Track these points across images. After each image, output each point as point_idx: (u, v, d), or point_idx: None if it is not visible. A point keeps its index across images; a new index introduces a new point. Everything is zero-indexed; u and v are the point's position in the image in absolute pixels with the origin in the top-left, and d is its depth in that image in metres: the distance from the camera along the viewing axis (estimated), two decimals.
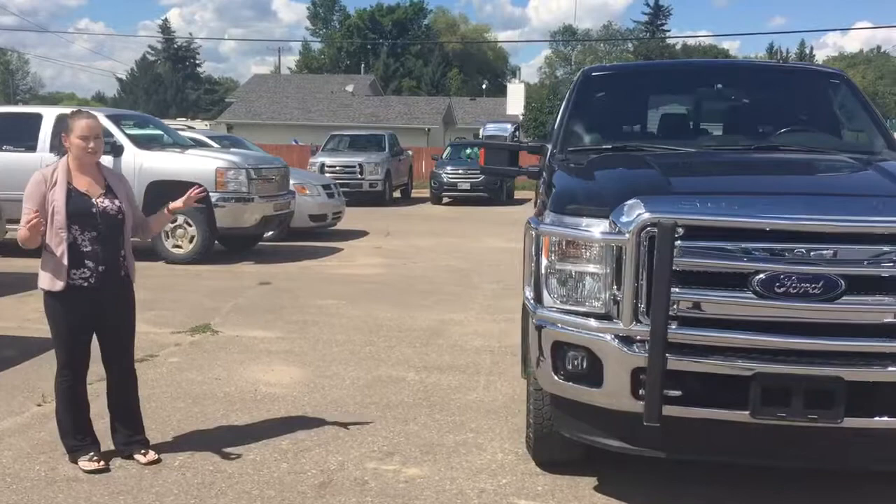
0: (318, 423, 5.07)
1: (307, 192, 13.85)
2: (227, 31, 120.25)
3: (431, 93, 63.92)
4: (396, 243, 14.20)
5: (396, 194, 24.62)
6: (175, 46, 68.06)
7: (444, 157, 24.97)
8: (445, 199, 23.79)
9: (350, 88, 51.93)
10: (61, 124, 11.56)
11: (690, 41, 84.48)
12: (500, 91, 69.39)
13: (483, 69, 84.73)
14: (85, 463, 4.33)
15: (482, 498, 4.06)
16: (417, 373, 6.17)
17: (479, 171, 22.70)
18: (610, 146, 4.90)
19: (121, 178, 4.57)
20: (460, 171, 23.38)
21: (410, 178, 26.45)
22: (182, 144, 12.36)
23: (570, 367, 3.76)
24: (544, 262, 3.83)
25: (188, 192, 4.69)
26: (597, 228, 3.64)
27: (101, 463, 4.34)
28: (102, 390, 4.62)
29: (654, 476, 4.22)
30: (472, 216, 20.11)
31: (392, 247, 13.70)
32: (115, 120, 11.55)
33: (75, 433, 4.42)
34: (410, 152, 27.84)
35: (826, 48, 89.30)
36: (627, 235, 3.44)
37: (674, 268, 3.39)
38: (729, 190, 3.86)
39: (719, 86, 5.35)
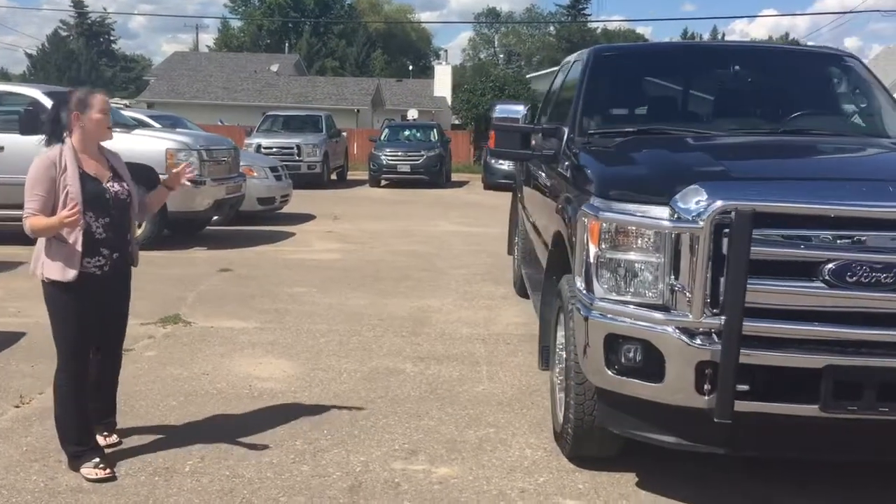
0: (327, 420, 4.80)
1: (255, 174, 13.37)
2: (136, 6, 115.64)
3: (356, 73, 63.08)
4: (347, 227, 13.86)
5: (332, 176, 24.11)
6: (88, 21, 65.37)
7: (382, 138, 24.56)
8: (384, 182, 23.44)
9: (275, 68, 50.84)
10: None
11: (612, 26, 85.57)
12: (422, 72, 68.99)
13: (406, 50, 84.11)
14: (90, 471, 3.97)
15: (525, 499, 3.86)
16: (415, 364, 5.94)
17: (418, 153, 22.53)
18: (634, 129, 4.74)
19: (119, 158, 4.27)
20: (399, 153, 23.04)
21: (346, 160, 25.97)
22: (126, 124, 11.72)
23: (624, 361, 3.59)
24: (594, 250, 3.65)
25: (176, 170, 4.42)
26: (658, 215, 3.48)
27: (108, 471, 4.00)
28: None
29: (697, 469, 4.10)
30: (415, 199, 19.84)
31: (344, 231, 13.36)
32: (57, 98, 10.87)
33: (79, 438, 4.07)
34: (345, 133, 27.29)
35: (733, 35, 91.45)
36: (701, 224, 3.27)
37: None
38: (790, 175, 3.73)
39: (736, 67, 5.24)
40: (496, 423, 4.81)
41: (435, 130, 25.20)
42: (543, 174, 5.37)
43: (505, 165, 22.13)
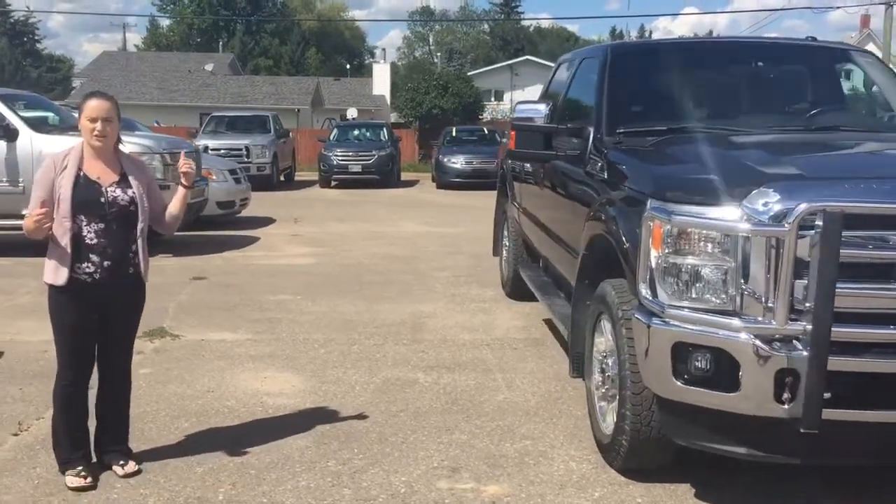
0: (353, 437, 4.56)
1: (214, 177, 12.91)
2: (56, 4, 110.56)
3: (291, 72, 62.24)
4: (311, 230, 13.53)
5: (281, 178, 23.60)
6: (11, 21, 63.04)
7: (331, 138, 24.17)
8: (334, 182, 23.05)
9: (209, 67, 49.83)
10: None
11: (545, 23, 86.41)
12: (357, 71, 68.53)
13: (341, 49, 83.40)
14: (71, 478, 3.88)
15: None
16: (426, 373, 5.73)
17: (370, 153, 22.25)
18: (664, 127, 4.62)
19: (141, 166, 4.15)
20: (350, 153, 22.68)
21: (294, 160, 25.50)
22: None
23: (695, 370, 3.46)
24: (658, 254, 3.51)
25: (179, 166, 4.22)
26: (729, 217, 3.36)
27: (88, 479, 3.88)
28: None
29: (754, 477, 3.98)
30: (371, 199, 19.53)
31: (309, 234, 13.03)
32: (6, 100, 10.35)
33: (70, 445, 3.97)
34: (292, 134, 26.80)
35: (658, 32, 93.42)
36: (787, 226, 3.15)
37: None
38: (860, 175, 3.62)
39: (759, 63, 5.17)
40: (530, 434, 4.64)
41: (385, 129, 24.93)
42: (563, 175, 5.20)
43: (458, 164, 22.06)
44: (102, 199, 3.83)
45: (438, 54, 64.48)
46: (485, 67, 50.64)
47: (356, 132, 24.81)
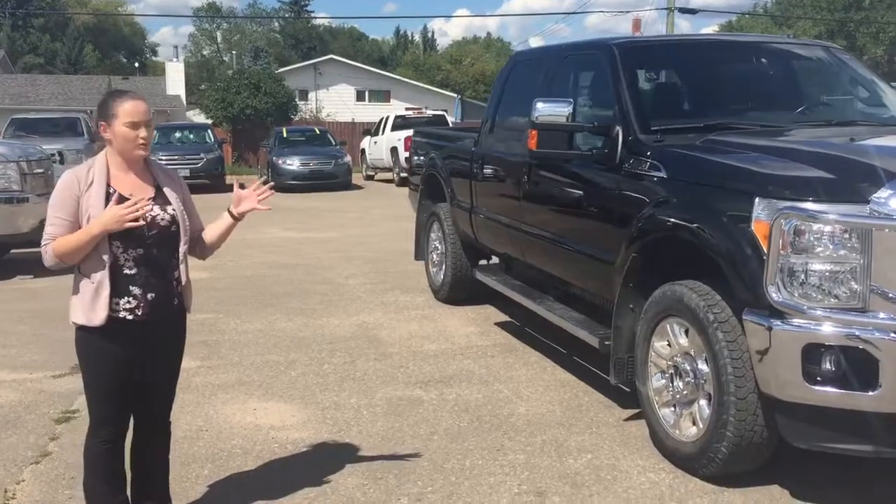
0: (405, 468, 4.16)
1: None
2: None
3: (69, 71, 57.97)
4: None
5: None
6: None
7: (153, 141, 22.57)
8: None
9: None
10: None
11: (335, 22, 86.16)
12: (140, 69, 65.06)
13: (120, 45, 78.98)
14: None
15: None
16: (424, 390, 5.37)
17: (197, 156, 21.07)
18: (701, 124, 4.56)
19: (174, 177, 3.51)
20: (176, 157, 21.23)
21: None
22: None
23: (827, 371, 3.40)
24: (782, 254, 3.42)
25: (255, 191, 3.56)
26: (860, 214, 3.34)
27: None
28: None
29: (841, 472, 3.99)
30: (210, 204, 17.93)
31: None
32: None
33: None
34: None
35: (438, 33, 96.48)
36: None
37: None
38: None
39: (763, 60, 5.23)
40: (583, 447, 4.43)
41: (209, 131, 23.66)
42: (581, 176, 5.00)
43: (294, 166, 21.34)
44: (141, 221, 3.18)
45: (234, 52, 62.18)
46: (285, 67, 49.33)
47: (178, 134, 23.36)
